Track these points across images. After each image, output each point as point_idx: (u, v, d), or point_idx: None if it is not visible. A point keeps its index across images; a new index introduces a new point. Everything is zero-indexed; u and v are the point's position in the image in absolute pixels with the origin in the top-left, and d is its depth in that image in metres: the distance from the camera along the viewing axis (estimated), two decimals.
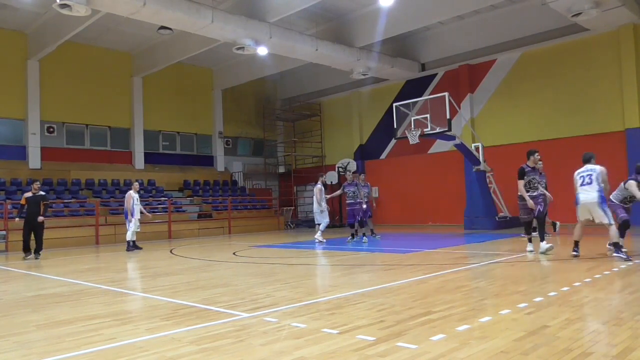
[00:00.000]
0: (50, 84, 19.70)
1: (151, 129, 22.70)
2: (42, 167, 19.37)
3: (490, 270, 7.63)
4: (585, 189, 8.33)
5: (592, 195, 8.21)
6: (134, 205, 13.48)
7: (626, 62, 16.27)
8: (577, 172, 8.56)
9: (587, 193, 8.26)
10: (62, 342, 4.20)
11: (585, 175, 8.40)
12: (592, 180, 8.29)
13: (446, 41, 20.40)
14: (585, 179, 8.37)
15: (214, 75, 24.78)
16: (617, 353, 3.38)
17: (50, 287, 7.60)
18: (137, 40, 20.64)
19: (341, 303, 5.42)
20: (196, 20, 15.05)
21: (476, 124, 19.82)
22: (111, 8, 14.00)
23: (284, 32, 17.18)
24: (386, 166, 22.82)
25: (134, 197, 13.52)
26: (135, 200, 13.51)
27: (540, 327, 4.09)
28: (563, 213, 16.79)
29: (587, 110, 17.11)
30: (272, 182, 27.13)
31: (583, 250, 9.51)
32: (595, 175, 8.30)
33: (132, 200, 13.46)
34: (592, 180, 8.29)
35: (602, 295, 5.34)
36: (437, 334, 3.99)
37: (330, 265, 9.37)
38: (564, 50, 17.66)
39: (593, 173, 8.36)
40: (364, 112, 23.92)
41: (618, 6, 14.65)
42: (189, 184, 22.95)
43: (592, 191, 8.22)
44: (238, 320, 4.79)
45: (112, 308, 5.71)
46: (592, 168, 8.44)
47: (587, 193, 8.27)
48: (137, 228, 13.62)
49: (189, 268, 9.53)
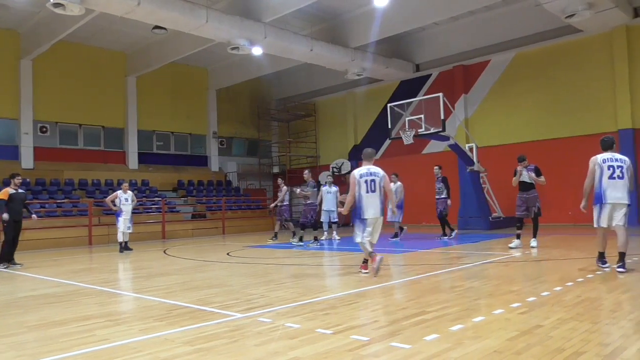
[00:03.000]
0: (43, 84, 19.58)
1: (145, 129, 22.61)
2: (35, 167, 19.26)
3: (484, 270, 7.66)
4: (617, 184, 6.64)
5: (624, 195, 6.66)
6: (122, 205, 13.18)
7: (619, 64, 16.37)
8: (602, 159, 6.80)
9: (619, 190, 6.63)
10: (55, 343, 4.18)
11: (616, 167, 6.70)
12: (624, 174, 6.69)
13: (440, 42, 20.45)
14: (617, 170, 6.67)
15: (209, 75, 24.72)
16: (609, 352, 3.40)
17: (43, 287, 7.56)
18: (132, 40, 20.56)
19: (335, 303, 5.43)
20: (191, 20, 15.02)
21: (470, 124, 19.89)
22: (105, 7, 13.93)
23: (279, 32, 17.17)
24: (380, 166, 22.51)
25: (121, 196, 13.22)
26: (123, 200, 13.19)
27: (533, 326, 4.12)
28: (555, 214, 16.90)
29: (581, 111, 17.20)
30: (267, 182, 27.10)
31: (574, 251, 9.58)
32: (627, 168, 6.76)
33: (119, 200, 13.18)
34: (624, 174, 6.69)
35: (595, 294, 5.37)
36: (431, 333, 4.00)
37: (324, 265, 9.37)
38: (557, 51, 17.75)
39: (624, 165, 6.75)
40: (359, 112, 23.94)
41: (611, 8, 14.75)
42: (183, 184, 22.88)
43: (624, 189, 6.66)
44: (232, 320, 4.79)
45: (105, 309, 5.69)
46: (623, 159, 6.82)
47: (618, 190, 6.63)
48: (127, 229, 13.32)
49: (182, 268, 9.50)
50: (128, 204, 13.32)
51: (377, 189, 7.25)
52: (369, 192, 7.21)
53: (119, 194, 13.33)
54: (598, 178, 6.75)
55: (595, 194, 6.79)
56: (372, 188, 7.23)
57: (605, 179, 6.69)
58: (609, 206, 6.68)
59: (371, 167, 7.42)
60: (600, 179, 6.73)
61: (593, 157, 6.93)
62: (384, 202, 7.42)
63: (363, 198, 7.21)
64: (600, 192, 6.72)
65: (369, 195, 7.20)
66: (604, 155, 6.89)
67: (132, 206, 13.55)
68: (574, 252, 9.42)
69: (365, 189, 7.22)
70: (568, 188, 17.27)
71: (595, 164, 6.82)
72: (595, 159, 6.88)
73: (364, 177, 7.28)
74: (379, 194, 7.24)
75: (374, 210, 7.19)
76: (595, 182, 6.79)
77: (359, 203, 7.24)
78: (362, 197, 7.21)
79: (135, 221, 18.65)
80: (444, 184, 13.56)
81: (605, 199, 6.67)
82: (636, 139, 15.99)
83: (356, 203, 7.27)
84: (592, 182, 6.84)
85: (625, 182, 6.70)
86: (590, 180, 6.85)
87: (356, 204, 7.27)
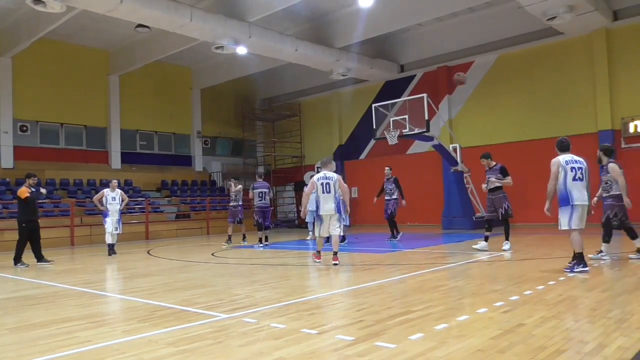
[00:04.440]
0: (23, 82, 19.24)
1: (128, 129, 22.36)
2: (15, 166, 18.91)
3: (468, 269, 7.73)
4: (580, 186, 6.82)
5: (585, 196, 6.85)
6: (108, 205, 12.44)
7: (599, 66, 16.65)
8: (564, 160, 6.89)
9: (582, 192, 6.81)
10: (35, 346, 4.12)
11: (577, 168, 6.86)
12: (584, 176, 6.88)
13: (425, 43, 20.58)
14: (577, 172, 6.84)
15: (193, 74, 24.54)
16: (590, 350, 3.46)
17: (24, 289, 7.44)
18: (114, 38, 20.31)
19: (320, 303, 5.43)
20: (174, 18, 14.88)
21: (454, 125, 20.05)
22: (87, 5, 13.74)
23: (264, 32, 17.11)
24: (365, 166, 22.91)
25: (107, 195, 12.48)
26: (110, 200, 12.46)
27: (516, 325, 4.16)
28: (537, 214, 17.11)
29: (562, 112, 17.45)
30: (252, 182, 26.94)
31: (556, 250, 9.72)
32: (585, 169, 6.95)
33: (106, 199, 12.45)
34: (584, 176, 6.88)
35: (576, 293, 5.45)
36: (416, 333, 4.03)
37: (310, 265, 9.37)
38: (539, 53, 17.99)
39: (583, 166, 6.93)
40: (344, 112, 23.98)
41: (591, 11, 14.99)
42: (166, 184, 22.69)
43: (584, 190, 6.86)
44: (217, 321, 4.76)
45: (88, 310, 5.62)
46: (581, 160, 6.98)
47: (581, 192, 6.80)
48: (115, 230, 12.50)
49: (166, 269, 9.43)
50: (115, 204, 12.53)
51: (332, 190, 8.64)
52: (324, 192, 8.64)
53: (106, 192, 12.58)
54: (562, 180, 6.80)
55: (561, 196, 6.81)
56: (327, 190, 8.65)
57: (570, 180, 6.77)
58: (579, 208, 6.79)
59: (327, 173, 8.81)
60: (564, 181, 6.79)
61: (555, 159, 6.93)
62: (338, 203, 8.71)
63: (320, 198, 8.66)
64: (566, 194, 6.77)
65: (324, 195, 8.64)
66: (565, 157, 6.93)
67: (122, 206, 12.78)
68: (556, 251, 9.55)
69: (322, 190, 8.65)
70: None
71: (559, 166, 6.85)
72: (558, 161, 6.89)
73: (320, 180, 8.71)
74: (333, 195, 8.64)
75: (328, 207, 8.60)
76: (559, 184, 6.83)
77: (317, 202, 8.71)
78: (320, 197, 8.67)
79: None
80: (395, 185, 13.71)
81: (573, 200, 6.74)
82: (616, 140, 16.26)
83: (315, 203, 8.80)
84: (555, 184, 6.86)
85: (584, 183, 6.85)
86: (554, 182, 6.87)
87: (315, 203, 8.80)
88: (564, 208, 6.82)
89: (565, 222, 6.84)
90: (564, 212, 6.82)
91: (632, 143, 15.98)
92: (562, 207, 6.83)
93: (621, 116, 16.25)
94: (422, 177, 20.70)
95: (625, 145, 16.09)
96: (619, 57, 16.37)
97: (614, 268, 7.34)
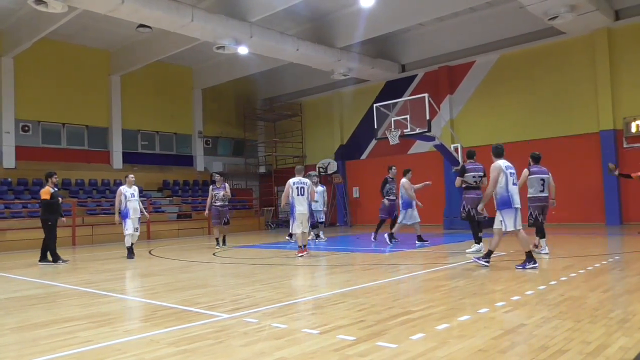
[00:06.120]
0: (25, 82, 19.26)
1: (130, 128, 22.38)
2: (17, 166, 18.94)
3: (469, 269, 7.72)
4: (517, 190, 7.45)
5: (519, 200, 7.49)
6: (127, 203, 11.31)
7: (600, 66, 16.62)
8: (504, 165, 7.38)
9: (518, 196, 7.43)
10: (37, 346, 4.12)
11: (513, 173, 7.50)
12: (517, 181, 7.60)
13: (426, 43, 20.57)
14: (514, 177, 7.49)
15: (194, 74, 24.55)
16: (592, 350, 3.45)
17: (25, 289, 7.44)
18: (116, 38, 20.33)
19: (321, 303, 5.43)
20: (176, 18, 14.90)
21: (455, 125, 20.03)
22: (89, 5, 13.76)
23: (265, 32, 17.11)
24: (367, 166, 22.90)
25: (125, 193, 11.32)
26: (128, 197, 11.32)
27: (518, 325, 4.16)
28: None
29: (563, 112, 17.43)
30: (253, 182, 27.01)
31: (557, 250, 9.70)
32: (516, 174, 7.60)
33: (124, 197, 11.31)
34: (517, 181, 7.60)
35: (577, 293, 5.44)
36: (417, 333, 4.02)
37: (311, 265, 9.37)
38: (540, 53, 17.96)
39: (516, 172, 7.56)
40: (345, 112, 23.98)
41: (593, 10, 14.97)
42: (168, 184, 22.71)
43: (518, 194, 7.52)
44: (218, 321, 4.76)
45: (89, 310, 5.62)
46: (513, 166, 7.55)
47: (518, 195, 7.42)
48: (135, 230, 11.39)
49: (167, 269, 9.43)
50: (134, 200, 11.36)
51: (305, 193, 10.16)
52: (299, 195, 10.11)
53: (123, 189, 11.36)
54: (504, 184, 7.25)
55: (504, 200, 7.24)
56: (302, 192, 10.13)
57: (511, 185, 7.27)
58: (519, 210, 7.28)
59: (302, 179, 10.30)
60: (506, 185, 7.25)
61: (496, 164, 7.37)
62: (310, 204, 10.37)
63: (295, 200, 10.09)
64: (508, 197, 7.22)
65: (299, 197, 10.11)
66: (504, 162, 7.40)
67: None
68: (557, 251, 9.53)
69: (296, 193, 10.11)
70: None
71: (500, 171, 7.28)
72: (499, 166, 7.33)
73: (295, 184, 10.15)
74: (306, 197, 10.17)
75: (302, 208, 10.10)
76: (502, 188, 7.26)
77: (292, 203, 10.12)
78: (294, 199, 10.10)
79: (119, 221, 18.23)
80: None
81: (514, 203, 7.22)
82: (617, 139, 16.25)
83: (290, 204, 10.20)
84: (495, 188, 7.28)
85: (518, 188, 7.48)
86: (494, 186, 7.28)
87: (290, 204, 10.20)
88: (507, 211, 7.25)
89: (511, 224, 7.26)
90: (509, 215, 7.25)
91: (634, 143, 15.96)
92: (505, 209, 7.27)
93: (623, 116, 16.23)
94: (424, 177, 20.58)
95: (627, 145, 16.07)
96: (621, 57, 16.35)
97: (618, 269, 7.33)
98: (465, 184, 9.81)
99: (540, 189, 8.73)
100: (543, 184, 8.72)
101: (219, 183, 13.28)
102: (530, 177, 8.73)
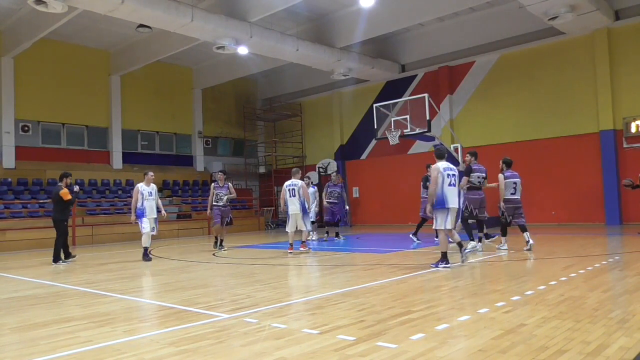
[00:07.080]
0: (25, 82, 19.26)
1: (129, 129, 22.38)
2: (17, 166, 18.94)
3: (469, 269, 7.72)
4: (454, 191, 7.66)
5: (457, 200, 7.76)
6: (145, 201, 10.80)
7: (600, 66, 16.62)
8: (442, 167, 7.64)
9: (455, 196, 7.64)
10: (37, 346, 4.12)
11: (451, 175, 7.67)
12: (456, 182, 7.72)
13: (426, 43, 20.57)
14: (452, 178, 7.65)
15: (194, 74, 24.56)
16: (592, 350, 3.45)
17: (25, 289, 7.44)
18: (116, 38, 20.33)
19: (321, 303, 5.43)
20: (175, 18, 14.90)
21: (455, 125, 20.03)
22: (88, 5, 13.76)
23: (265, 32, 17.11)
24: (367, 166, 22.91)
25: (142, 191, 10.82)
26: (145, 195, 10.83)
27: (518, 325, 4.16)
28: (538, 214, 17.11)
29: (564, 112, 17.43)
30: (253, 182, 27.01)
31: (557, 250, 9.70)
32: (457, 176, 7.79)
33: (141, 195, 10.80)
34: (456, 182, 7.72)
35: (577, 293, 5.44)
36: (417, 333, 4.02)
37: (311, 265, 9.37)
38: (540, 53, 17.97)
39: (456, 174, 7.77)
40: (345, 112, 23.98)
41: (593, 10, 14.97)
42: (168, 184, 22.70)
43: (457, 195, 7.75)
44: (218, 321, 4.76)
45: (89, 310, 5.62)
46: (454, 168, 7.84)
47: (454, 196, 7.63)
48: (153, 231, 10.92)
49: (167, 269, 9.43)
50: (152, 199, 10.89)
51: (297, 194, 10.72)
52: (291, 197, 10.74)
53: (141, 187, 10.85)
54: (440, 185, 7.52)
55: (438, 199, 7.53)
56: (293, 194, 10.74)
57: (446, 186, 7.53)
58: (453, 211, 7.57)
59: (294, 180, 10.84)
60: (442, 186, 7.52)
61: (435, 166, 7.70)
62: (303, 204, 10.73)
63: (287, 200, 10.79)
64: (442, 198, 7.51)
65: (291, 199, 10.74)
66: (444, 164, 7.69)
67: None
68: (558, 251, 9.54)
69: (289, 195, 10.76)
70: (551, 188, 17.52)
71: (439, 172, 7.57)
72: (438, 167, 7.62)
73: (288, 186, 10.80)
74: (298, 198, 10.72)
75: (294, 207, 10.74)
76: (437, 189, 7.54)
77: (286, 204, 10.85)
78: (287, 200, 10.79)
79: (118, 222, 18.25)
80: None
81: (447, 203, 7.50)
82: (617, 140, 16.25)
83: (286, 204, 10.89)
84: (436, 188, 7.55)
85: (456, 189, 7.70)
86: (435, 186, 7.56)
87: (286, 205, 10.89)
88: (440, 210, 7.56)
89: (441, 223, 7.59)
90: (441, 214, 7.57)
91: (633, 143, 15.96)
92: (438, 209, 7.56)
93: (623, 116, 16.23)
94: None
95: (627, 145, 16.08)
96: (621, 57, 16.35)
97: (617, 269, 7.33)
98: (470, 184, 9.88)
99: (512, 191, 9.47)
100: (515, 187, 9.47)
101: (221, 182, 12.80)
102: (505, 182, 9.44)
